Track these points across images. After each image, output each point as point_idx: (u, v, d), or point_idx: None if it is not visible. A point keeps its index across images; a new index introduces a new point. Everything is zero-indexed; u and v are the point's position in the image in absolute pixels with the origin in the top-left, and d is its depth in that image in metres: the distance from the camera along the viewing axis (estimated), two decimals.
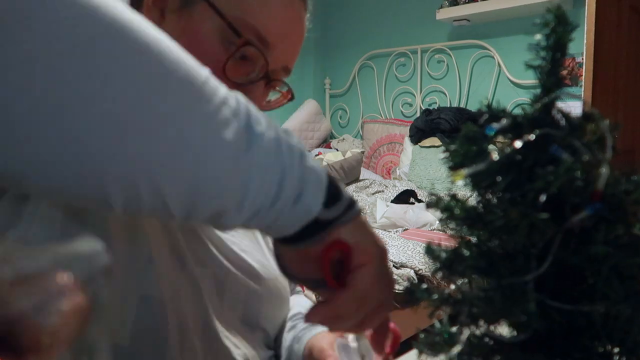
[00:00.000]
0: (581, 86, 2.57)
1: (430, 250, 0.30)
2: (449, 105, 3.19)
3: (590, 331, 0.27)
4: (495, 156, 0.28)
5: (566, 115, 0.28)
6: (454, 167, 0.29)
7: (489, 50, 3.03)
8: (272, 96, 0.62)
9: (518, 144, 0.28)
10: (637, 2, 2.71)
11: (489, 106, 0.30)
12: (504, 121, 0.29)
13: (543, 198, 0.26)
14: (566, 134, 0.27)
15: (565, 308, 0.26)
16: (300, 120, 3.60)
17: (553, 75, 0.28)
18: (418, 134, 3.07)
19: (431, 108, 3.18)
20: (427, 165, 2.88)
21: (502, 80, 3.01)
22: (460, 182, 0.28)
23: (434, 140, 2.93)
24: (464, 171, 0.27)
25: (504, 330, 0.32)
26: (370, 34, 3.61)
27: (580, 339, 0.27)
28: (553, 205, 0.27)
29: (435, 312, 0.31)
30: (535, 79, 0.31)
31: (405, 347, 0.64)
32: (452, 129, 2.91)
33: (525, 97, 2.84)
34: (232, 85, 0.52)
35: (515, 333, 0.30)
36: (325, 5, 3.83)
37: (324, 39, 3.85)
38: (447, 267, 0.29)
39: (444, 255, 0.29)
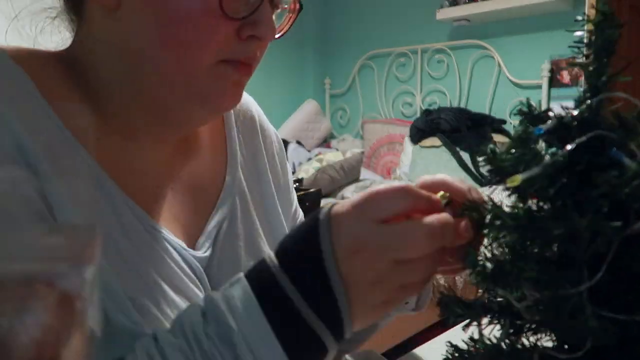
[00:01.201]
0: (581, 86, 2.57)
1: (472, 261, 0.28)
2: (449, 105, 3.18)
3: None
4: (548, 160, 0.26)
5: (619, 116, 0.27)
6: (505, 173, 0.27)
7: (489, 50, 3.02)
8: (278, 19, 0.53)
9: (569, 146, 0.26)
10: (637, 2, 2.71)
11: (529, 106, 0.29)
12: (549, 122, 0.28)
13: (606, 204, 0.24)
14: (622, 135, 0.26)
15: (620, 318, 0.25)
16: (300, 120, 3.58)
17: (601, 75, 0.27)
18: (418, 134, 3.06)
19: (431, 108, 3.17)
20: (427, 166, 2.87)
21: (502, 80, 3.00)
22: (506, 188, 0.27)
23: (434, 141, 2.92)
24: (520, 176, 0.26)
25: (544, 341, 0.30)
26: (370, 34, 3.59)
27: (636, 350, 0.26)
28: (611, 211, 0.25)
29: (469, 324, 0.30)
30: (534, 79, 0.30)
31: (405, 348, 0.64)
32: (452, 129, 2.90)
33: (524, 97, 2.83)
34: (237, 26, 0.44)
35: (556, 343, 0.29)
36: (326, 5, 3.82)
37: (324, 39, 3.84)
38: (493, 278, 0.28)
39: (489, 265, 0.28)
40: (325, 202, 2.80)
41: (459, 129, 2.91)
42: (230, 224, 0.55)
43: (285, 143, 3.30)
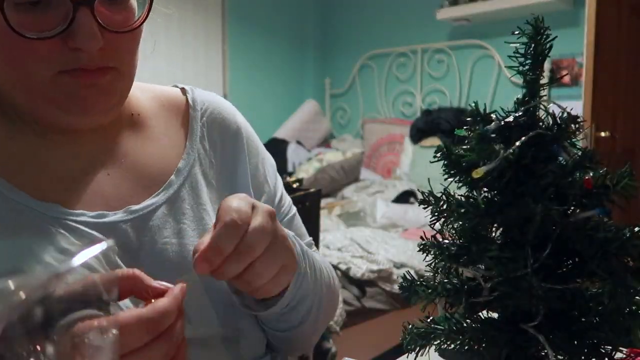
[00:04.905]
0: (581, 86, 2.57)
1: (437, 244, 0.30)
2: (449, 105, 3.19)
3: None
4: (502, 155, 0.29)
5: (554, 117, 0.29)
6: (468, 166, 0.29)
7: (489, 50, 3.03)
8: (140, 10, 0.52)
9: (517, 143, 0.28)
10: (637, 2, 2.71)
11: (476, 108, 0.31)
12: (493, 124, 0.29)
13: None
14: (557, 135, 0.27)
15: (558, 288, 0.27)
16: (300, 120, 3.60)
17: (537, 82, 0.29)
18: (418, 134, 3.07)
19: (431, 108, 3.18)
20: (427, 165, 2.88)
21: (502, 80, 3.01)
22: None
23: (434, 140, 2.93)
24: (483, 169, 0.28)
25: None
26: (370, 34, 3.61)
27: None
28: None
29: (446, 305, 0.32)
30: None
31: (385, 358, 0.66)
32: (453, 129, 2.91)
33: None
34: (60, 38, 0.45)
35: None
36: (325, 5, 3.84)
37: (324, 39, 3.86)
38: (457, 258, 0.30)
39: (453, 249, 0.30)
40: (325, 202, 2.81)
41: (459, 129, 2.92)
42: (175, 205, 0.57)
43: (285, 143, 3.32)
